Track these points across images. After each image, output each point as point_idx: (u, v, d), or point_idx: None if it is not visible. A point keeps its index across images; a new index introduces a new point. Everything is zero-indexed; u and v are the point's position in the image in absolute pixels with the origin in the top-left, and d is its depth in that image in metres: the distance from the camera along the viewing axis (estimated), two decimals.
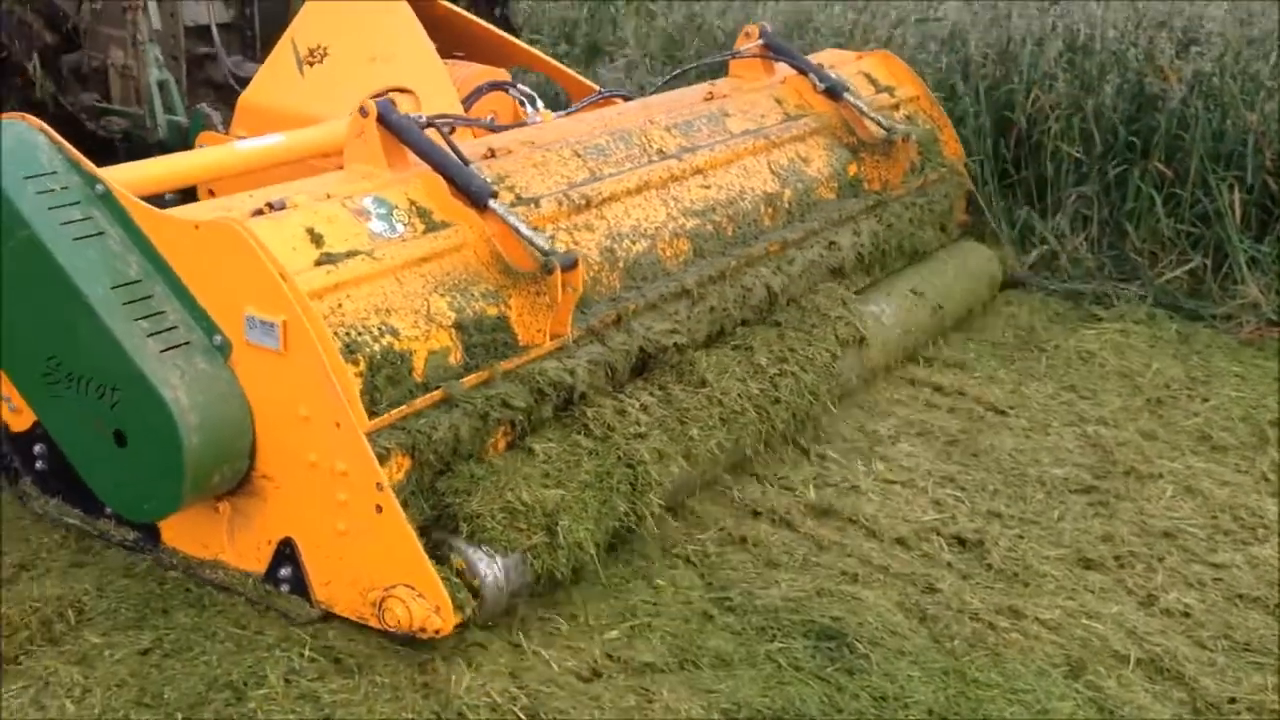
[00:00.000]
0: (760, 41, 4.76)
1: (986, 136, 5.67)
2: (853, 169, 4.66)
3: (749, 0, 7.66)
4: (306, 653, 2.86)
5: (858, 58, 5.26)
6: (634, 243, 3.70)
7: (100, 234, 2.96)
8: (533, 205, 3.49)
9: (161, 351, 2.87)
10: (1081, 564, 3.39)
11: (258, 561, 3.06)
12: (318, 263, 2.94)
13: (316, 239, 2.99)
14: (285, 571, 3.03)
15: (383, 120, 3.32)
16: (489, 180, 3.34)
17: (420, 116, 3.42)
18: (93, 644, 2.90)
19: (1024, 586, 3.28)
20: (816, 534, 3.47)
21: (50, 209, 2.94)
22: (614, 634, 3.01)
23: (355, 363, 2.88)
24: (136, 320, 2.89)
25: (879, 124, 4.67)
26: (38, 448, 3.30)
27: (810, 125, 4.61)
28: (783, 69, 4.79)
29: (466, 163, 3.33)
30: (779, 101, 4.63)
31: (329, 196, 3.15)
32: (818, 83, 4.69)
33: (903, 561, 3.37)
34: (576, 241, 3.54)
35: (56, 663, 2.83)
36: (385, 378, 2.93)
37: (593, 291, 3.52)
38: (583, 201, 3.62)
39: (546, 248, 3.22)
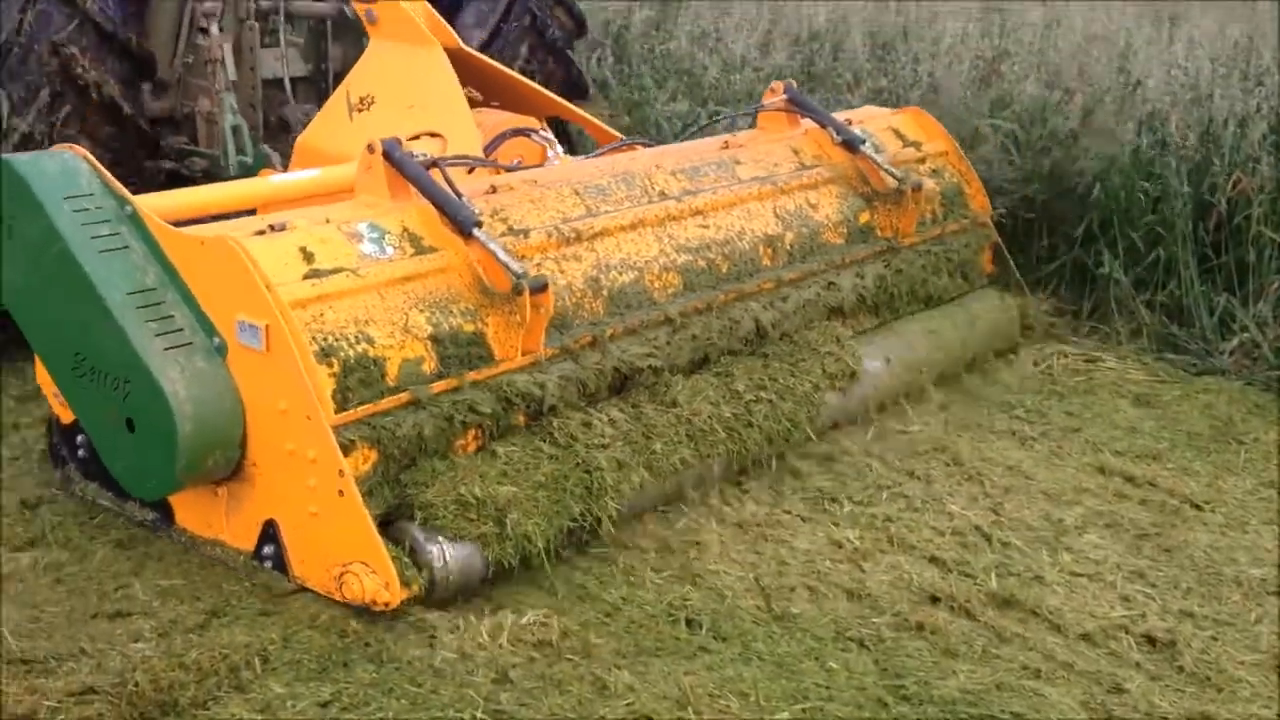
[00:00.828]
0: (785, 96, 5.08)
1: (1186, 219, 5.56)
2: (864, 216, 4.92)
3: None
4: (479, 715, 2.91)
5: (891, 114, 5.53)
6: (621, 274, 4.04)
7: (125, 248, 3.43)
8: (522, 236, 3.86)
9: (166, 349, 3.31)
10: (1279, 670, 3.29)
11: (248, 540, 3.46)
12: (305, 276, 3.35)
13: (308, 256, 3.40)
14: (268, 550, 3.42)
15: (387, 156, 3.74)
16: (480, 212, 3.72)
17: (425, 155, 3.82)
18: (276, 693, 2.96)
19: (1217, 692, 3.17)
20: (997, 624, 3.40)
21: (83, 225, 3.41)
22: (785, 715, 3.00)
23: (329, 364, 3.27)
24: (148, 322, 3.33)
25: (891, 175, 4.93)
26: (80, 437, 3.77)
27: (824, 174, 4.90)
28: (807, 123, 5.09)
29: (459, 195, 3.72)
30: (795, 151, 4.93)
31: (328, 221, 3.57)
32: (835, 135, 4.98)
33: (1088, 659, 3.28)
34: (562, 270, 3.89)
35: (242, 710, 2.91)
36: (357, 379, 3.31)
37: (574, 315, 3.87)
38: (573, 235, 3.98)
39: (519, 271, 3.58)
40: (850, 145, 4.97)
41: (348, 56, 5.38)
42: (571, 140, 5.77)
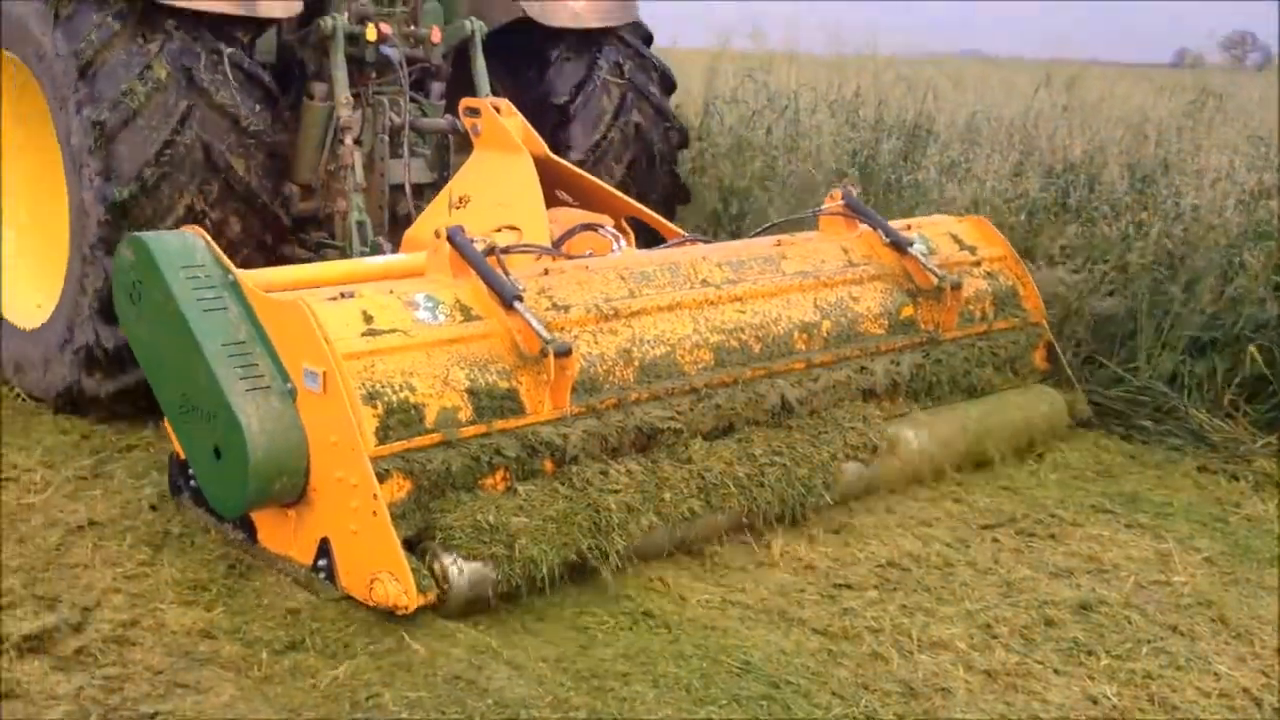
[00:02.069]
0: (842, 202, 5.61)
1: None
2: (907, 310, 5.38)
3: None
4: None
5: (955, 221, 6.00)
6: (653, 348, 4.61)
7: (224, 308, 4.18)
8: (563, 311, 4.48)
9: (247, 390, 4.03)
10: None
11: (308, 555, 4.12)
12: (362, 334, 4.03)
13: (367, 318, 4.09)
14: (322, 563, 4.07)
15: (450, 241, 4.43)
16: (525, 289, 4.36)
17: (484, 240, 4.50)
18: None
19: None
20: None
21: (193, 289, 4.19)
22: None
23: (374, 406, 3.93)
24: (236, 368, 4.06)
25: (933, 273, 5.38)
26: (192, 469, 4.52)
27: (869, 271, 5.39)
28: (864, 227, 5.59)
29: (507, 274, 4.37)
30: (845, 250, 5.44)
31: (391, 291, 4.27)
32: (884, 236, 5.47)
33: None
34: (596, 341, 4.49)
35: None
36: (397, 420, 3.96)
37: (603, 380, 4.45)
38: (611, 312, 4.58)
39: (547, 336, 4.20)
40: (898, 246, 5.46)
41: None
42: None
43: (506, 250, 4.69)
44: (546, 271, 4.66)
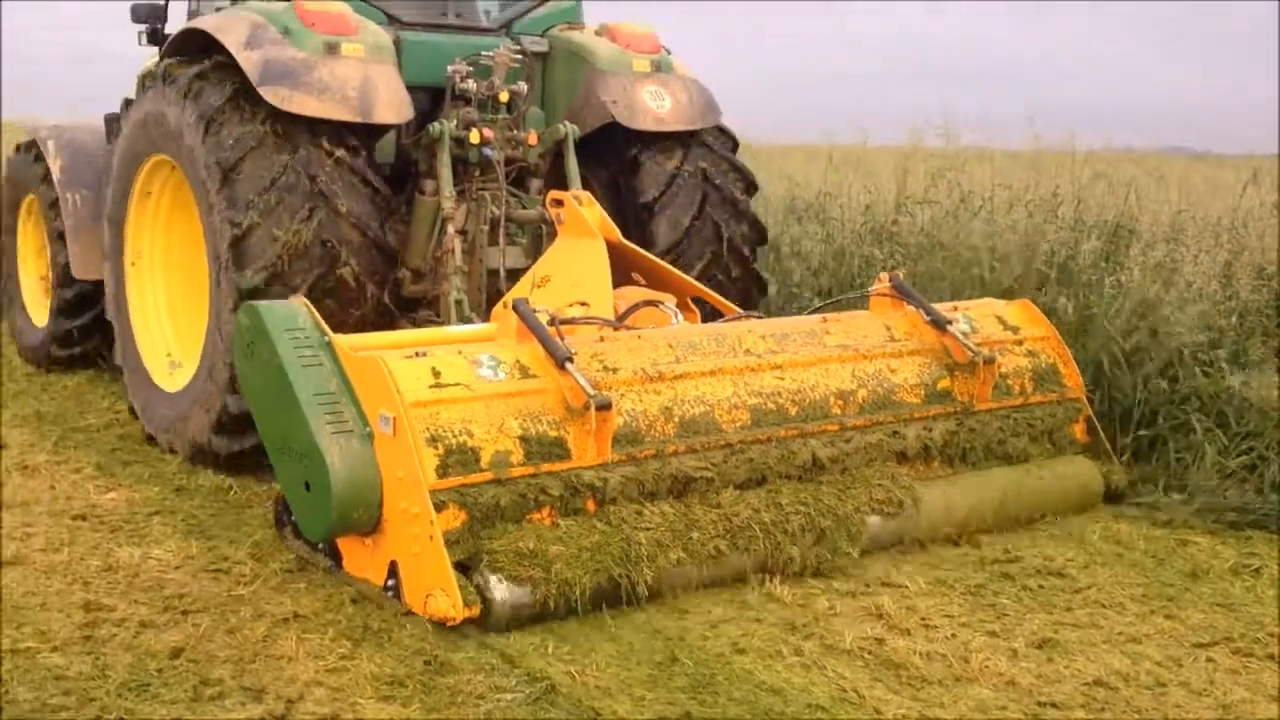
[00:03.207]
0: (890, 284, 6.14)
1: None
2: (944, 383, 5.86)
3: None
4: None
5: (1004, 305, 6.46)
6: (693, 407, 5.19)
7: (320, 364, 4.91)
8: (612, 372, 5.10)
9: (333, 433, 4.73)
10: None
11: (381, 577, 4.77)
12: (430, 386, 4.71)
13: (435, 373, 4.77)
14: (391, 582, 4.71)
15: (516, 311, 5.11)
16: (577, 352, 5.00)
17: (545, 310, 5.16)
18: None
19: None
20: None
21: (295, 348, 4.93)
22: None
23: (435, 447, 4.59)
24: (325, 414, 4.77)
25: (968, 348, 5.85)
26: (289, 502, 5.24)
27: (909, 346, 5.89)
28: (910, 309, 6.09)
29: (562, 339, 5.02)
30: (888, 327, 5.96)
31: (460, 352, 4.95)
32: (925, 315, 5.97)
33: None
34: (640, 400, 5.09)
35: None
36: (455, 459, 4.61)
37: (645, 433, 5.03)
38: (656, 374, 5.18)
39: (591, 392, 4.82)
40: (937, 324, 5.95)
41: None
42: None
43: (569, 321, 5.37)
44: (602, 339, 5.30)
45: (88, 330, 8.01)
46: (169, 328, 6.92)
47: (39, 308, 8.72)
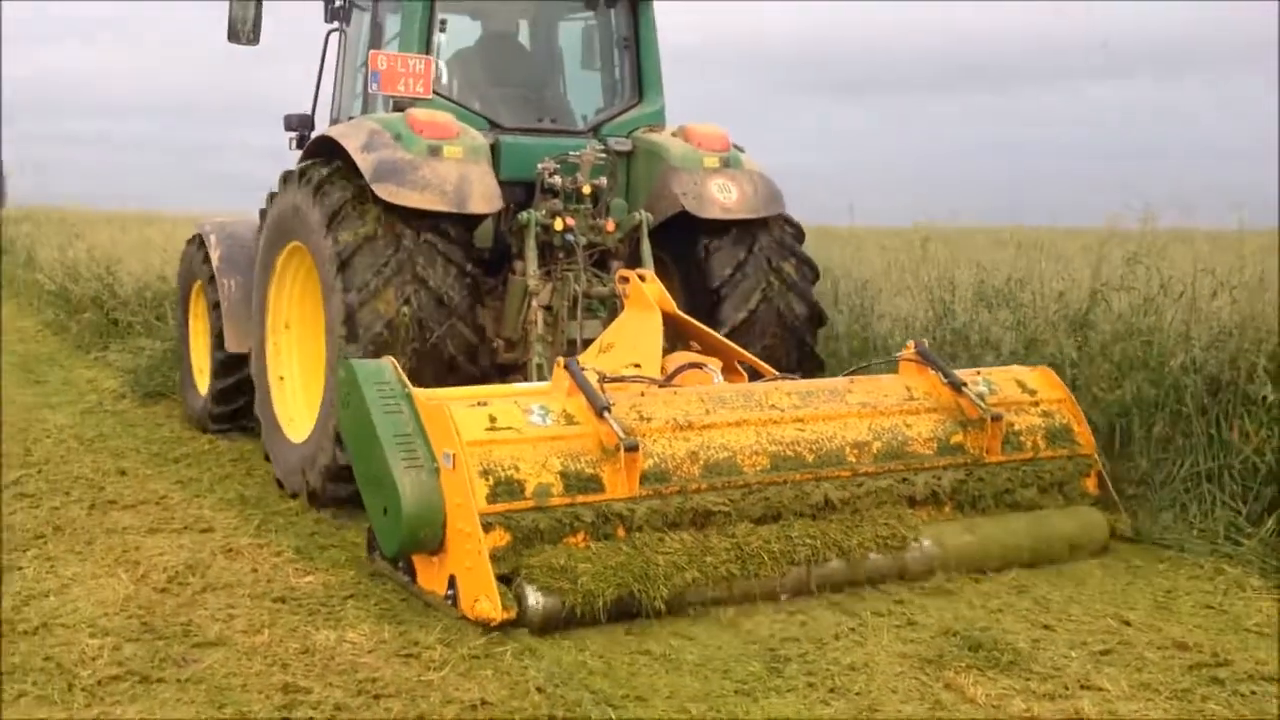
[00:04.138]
0: (915, 350, 6.88)
1: None
2: (957, 438, 6.56)
3: None
4: None
5: (1026, 371, 7.13)
6: (718, 452, 6.01)
7: (400, 411, 5.90)
8: (646, 421, 5.97)
9: (406, 468, 5.70)
10: None
11: (443, 588, 5.69)
12: (485, 429, 5.66)
13: (491, 419, 5.71)
14: (450, 593, 5.62)
15: (567, 369, 6.04)
16: (614, 403, 5.89)
17: (593, 369, 6.07)
18: None
19: None
20: None
21: (380, 398, 5.92)
22: None
23: (486, 479, 5.52)
24: (401, 452, 5.74)
25: (979, 407, 6.55)
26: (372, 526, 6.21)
27: (926, 405, 6.62)
28: (934, 372, 6.82)
29: (604, 393, 5.91)
30: (909, 388, 6.69)
31: (516, 402, 5.89)
32: (943, 378, 6.70)
33: None
34: (670, 445, 5.94)
35: None
36: (503, 489, 5.53)
37: (672, 473, 5.87)
38: (686, 423, 6.03)
39: (622, 436, 5.69)
40: (954, 386, 6.66)
41: None
42: None
43: (619, 379, 6.27)
44: (643, 394, 6.18)
45: (237, 389, 9.19)
46: (298, 387, 8.03)
47: (203, 379, 10.00)
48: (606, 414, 5.80)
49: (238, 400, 9.24)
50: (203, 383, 9.98)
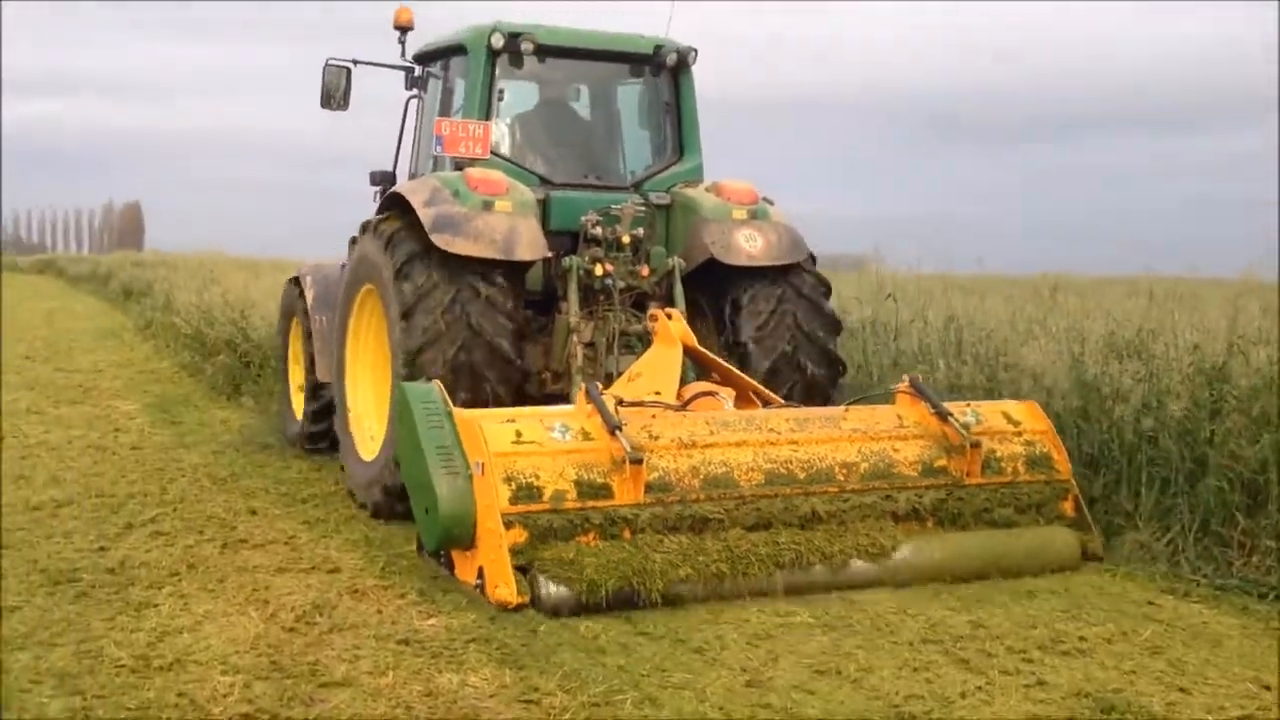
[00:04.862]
0: (909, 384, 7.67)
1: None
2: (941, 462, 7.31)
3: None
4: None
5: (1013, 405, 7.86)
6: (717, 468, 6.86)
7: (442, 427, 6.85)
8: (655, 439, 6.85)
9: (445, 474, 6.64)
10: None
11: (473, 578, 6.61)
12: (512, 442, 6.58)
13: (518, 434, 6.64)
14: (479, 582, 6.54)
15: (587, 393, 6.95)
16: (627, 423, 6.78)
17: (614, 395, 6.98)
18: None
19: None
20: None
21: (426, 415, 6.88)
22: None
23: (509, 484, 6.44)
24: (441, 461, 6.69)
25: (961, 434, 7.31)
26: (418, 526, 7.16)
27: (915, 432, 7.39)
28: (926, 404, 7.59)
29: (617, 414, 6.80)
30: (900, 416, 7.48)
31: (541, 420, 6.81)
32: (931, 408, 7.47)
33: None
34: (674, 460, 6.80)
35: None
36: (524, 494, 6.44)
37: (674, 485, 6.73)
38: (690, 442, 6.90)
39: (629, 450, 6.58)
40: (941, 415, 7.43)
41: None
42: None
43: (638, 404, 7.17)
44: (654, 416, 7.07)
45: (326, 412, 10.24)
46: (370, 414, 9.05)
47: (299, 403, 11.12)
48: (618, 432, 6.69)
49: (326, 421, 10.28)
50: (298, 406, 11.09)
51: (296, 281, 11.00)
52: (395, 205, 8.69)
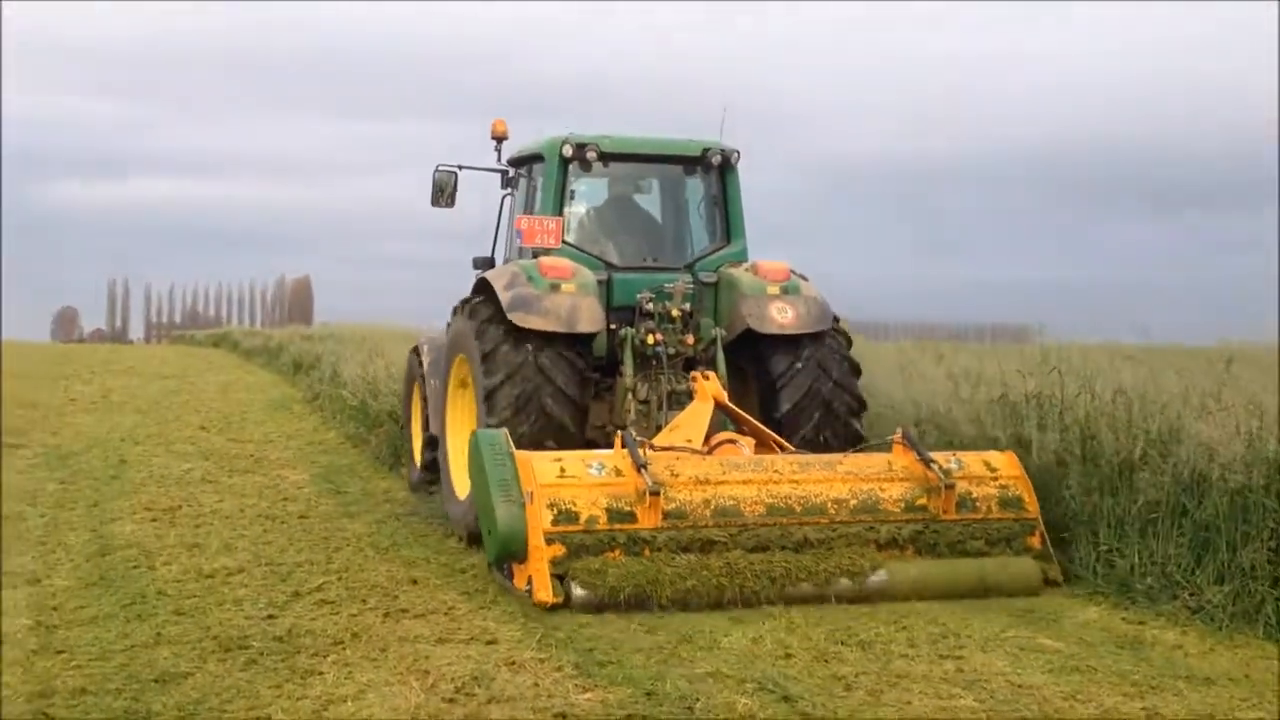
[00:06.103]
0: (902, 435, 9.07)
1: None
2: (921, 500, 8.69)
3: None
4: None
5: (995, 455, 9.19)
6: (726, 500, 8.36)
7: (504, 464, 8.49)
8: (675, 476, 8.39)
9: (503, 502, 8.27)
10: None
11: (524, 584, 8.20)
12: (556, 476, 8.20)
13: (562, 470, 8.26)
14: (528, 588, 8.13)
15: (622, 439, 8.54)
16: (651, 462, 8.33)
17: (642, 440, 8.55)
18: None
19: None
20: None
21: (493, 455, 8.51)
22: None
23: (552, 510, 8.05)
24: (502, 492, 8.32)
25: (939, 476, 8.68)
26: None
27: (901, 475, 8.78)
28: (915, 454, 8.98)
29: (644, 455, 8.37)
30: (890, 463, 8.88)
31: (583, 460, 8.42)
32: (917, 456, 8.86)
33: None
34: (690, 494, 8.32)
35: None
36: (563, 517, 8.04)
37: (689, 514, 8.25)
38: (704, 480, 8.42)
39: (650, 483, 8.14)
40: (925, 461, 8.82)
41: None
42: None
43: (667, 448, 8.73)
44: (678, 458, 8.63)
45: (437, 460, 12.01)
46: (465, 462, 10.75)
47: (418, 454, 12.94)
48: (643, 470, 8.26)
49: (438, 470, 12.05)
50: (418, 457, 12.90)
51: (416, 351, 12.87)
52: (483, 290, 10.43)
